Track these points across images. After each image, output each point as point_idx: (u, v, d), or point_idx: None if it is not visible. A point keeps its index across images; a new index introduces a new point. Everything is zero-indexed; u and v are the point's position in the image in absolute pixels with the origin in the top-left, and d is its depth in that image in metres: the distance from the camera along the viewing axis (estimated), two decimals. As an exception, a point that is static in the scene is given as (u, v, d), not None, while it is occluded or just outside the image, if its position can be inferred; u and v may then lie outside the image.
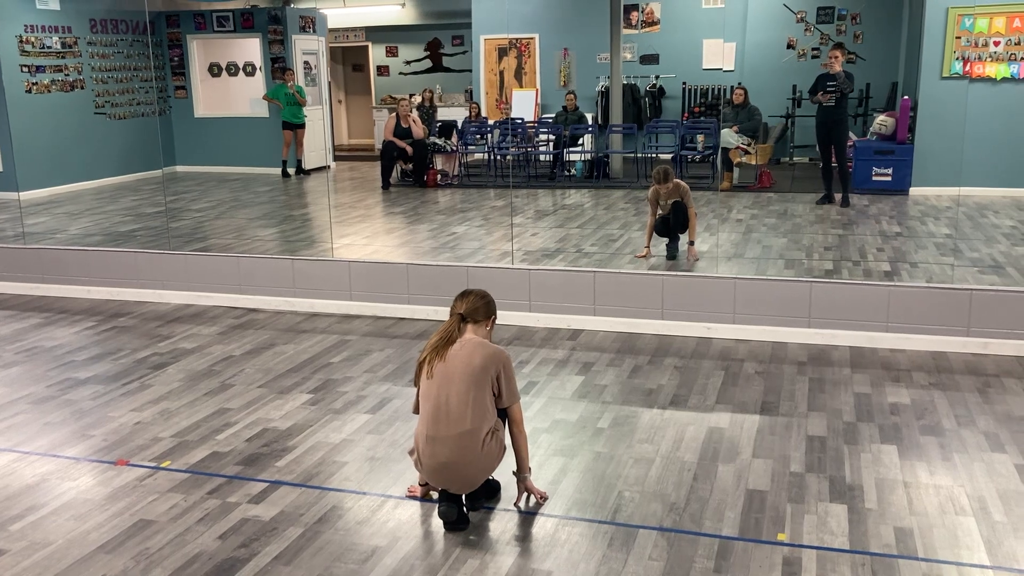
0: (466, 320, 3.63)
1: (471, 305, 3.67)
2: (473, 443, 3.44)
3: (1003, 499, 3.68)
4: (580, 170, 12.72)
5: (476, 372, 3.47)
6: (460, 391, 3.45)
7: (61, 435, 4.54)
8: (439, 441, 3.45)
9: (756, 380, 5.10)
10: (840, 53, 9.90)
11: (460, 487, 3.54)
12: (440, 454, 3.46)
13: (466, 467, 3.47)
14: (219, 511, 3.71)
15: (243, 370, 5.45)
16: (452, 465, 3.46)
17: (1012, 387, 4.92)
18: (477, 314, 3.66)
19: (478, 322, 3.67)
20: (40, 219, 10.32)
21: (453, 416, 3.44)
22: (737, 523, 3.53)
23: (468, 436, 3.44)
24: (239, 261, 6.95)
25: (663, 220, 7.67)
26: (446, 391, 3.46)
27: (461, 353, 3.51)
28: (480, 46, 15.09)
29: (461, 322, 3.62)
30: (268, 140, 14.27)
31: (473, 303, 3.68)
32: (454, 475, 3.48)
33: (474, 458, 3.46)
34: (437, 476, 3.51)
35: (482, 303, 3.70)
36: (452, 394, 3.46)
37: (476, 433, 3.45)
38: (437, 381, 3.49)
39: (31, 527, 3.62)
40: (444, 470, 3.47)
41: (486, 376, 3.49)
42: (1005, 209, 9.60)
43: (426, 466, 3.53)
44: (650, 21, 14.44)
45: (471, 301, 3.68)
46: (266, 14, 14.40)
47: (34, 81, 12.41)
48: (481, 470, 3.53)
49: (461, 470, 3.47)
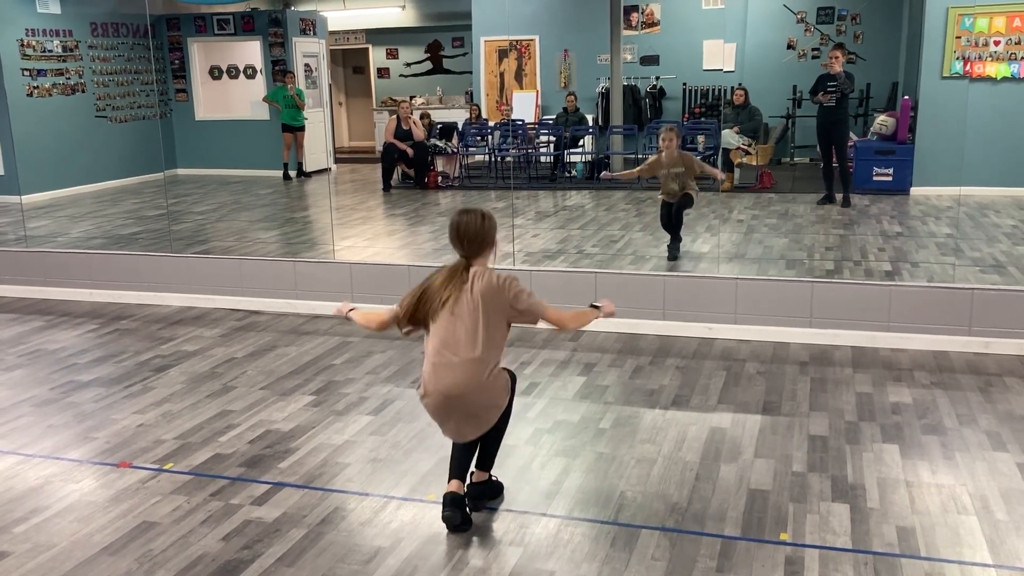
0: (470, 259, 3.52)
1: (471, 244, 3.51)
2: (480, 370, 3.40)
3: (1005, 498, 3.68)
4: (581, 171, 12.73)
5: (485, 303, 3.42)
6: (469, 325, 3.41)
7: (64, 438, 4.54)
8: (444, 367, 3.41)
9: (758, 380, 5.10)
10: (840, 53, 9.90)
11: (467, 426, 3.48)
12: (445, 378, 3.41)
13: (473, 395, 3.42)
14: (222, 513, 3.72)
15: (245, 372, 5.46)
16: (458, 394, 3.40)
17: (1014, 386, 4.92)
18: (480, 250, 3.53)
19: (483, 254, 3.55)
20: (42, 222, 10.33)
21: (462, 344, 3.41)
22: (739, 523, 3.53)
23: (476, 363, 3.40)
24: (241, 263, 6.96)
25: (667, 210, 7.68)
26: (455, 325, 3.42)
27: (469, 289, 3.44)
28: (480, 48, 15.10)
29: (466, 268, 3.50)
30: (269, 143, 14.28)
31: (472, 240, 3.51)
32: (461, 406, 3.43)
33: (480, 386, 3.41)
34: (443, 409, 3.45)
35: (480, 236, 3.52)
36: (460, 327, 3.42)
37: (484, 361, 3.41)
38: (445, 318, 3.44)
39: (35, 529, 3.63)
40: (450, 402, 3.42)
41: (495, 305, 3.44)
42: (1006, 208, 9.60)
43: (432, 398, 3.46)
44: (650, 22, 14.45)
45: (470, 237, 3.51)
46: (266, 17, 14.42)
47: (35, 85, 12.43)
48: (488, 402, 3.48)
49: (468, 399, 3.42)
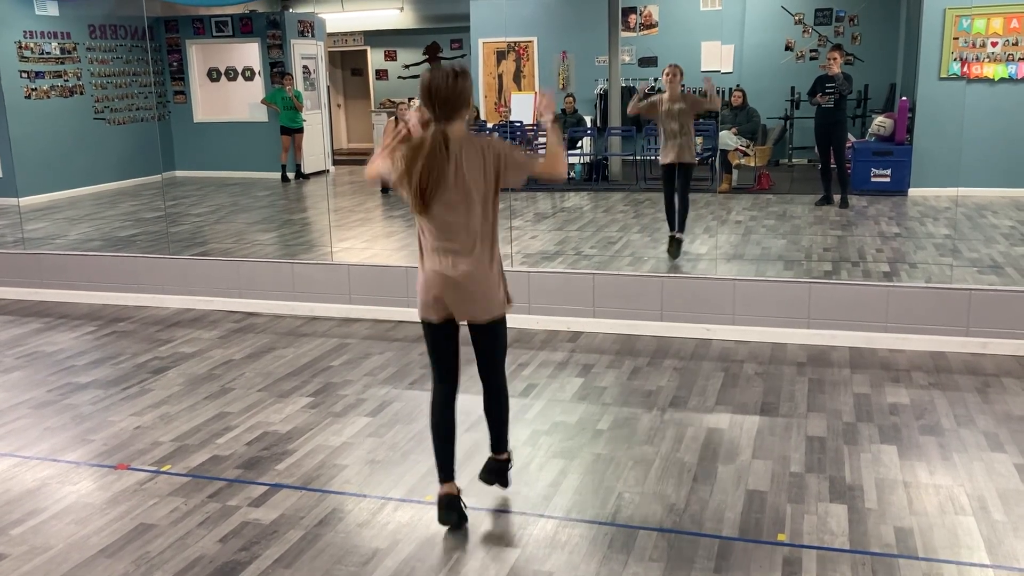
0: (446, 122, 3.26)
1: (444, 104, 3.23)
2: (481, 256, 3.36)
3: (1003, 498, 3.68)
4: (579, 172, 12.73)
5: (474, 180, 3.28)
6: (462, 210, 3.30)
7: (61, 440, 4.54)
8: (444, 253, 3.37)
9: (756, 381, 5.10)
10: (839, 55, 9.91)
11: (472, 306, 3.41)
12: (446, 265, 3.36)
13: (477, 281, 3.36)
14: (219, 514, 3.71)
15: (243, 374, 5.46)
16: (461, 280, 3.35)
17: (1011, 387, 4.92)
18: (455, 111, 3.26)
19: (459, 115, 3.28)
20: (40, 224, 10.32)
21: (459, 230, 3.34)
22: (737, 524, 3.53)
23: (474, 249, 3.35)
24: (239, 265, 6.96)
25: (669, 178, 7.71)
26: (448, 212, 3.31)
27: (454, 170, 3.25)
28: (479, 49, 15.10)
29: (444, 138, 3.23)
30: (267, 144, 14.28)
31: (445, 100, 3.23)
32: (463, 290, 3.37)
33: (484, 275, 3.37)
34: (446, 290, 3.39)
35: (454, 95, 3.23)
36: (454, 213, 3.31)
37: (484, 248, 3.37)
38: (437, 207, 3.31)
39: (32, 531, 3.62)
40: (453, 284, 3.37)
41: (485, 176, 3.30)
42: (1004, 209, 9.61)
43: (430, 279, 3.42)
44: (648, 24, 14.46)
45: (442, 97, 3.22)
46: (265, 19, 14.43)
47: (33, 87, 12.43)
48: (488, 289, 3.40)
49: (471, 282, 3.36)
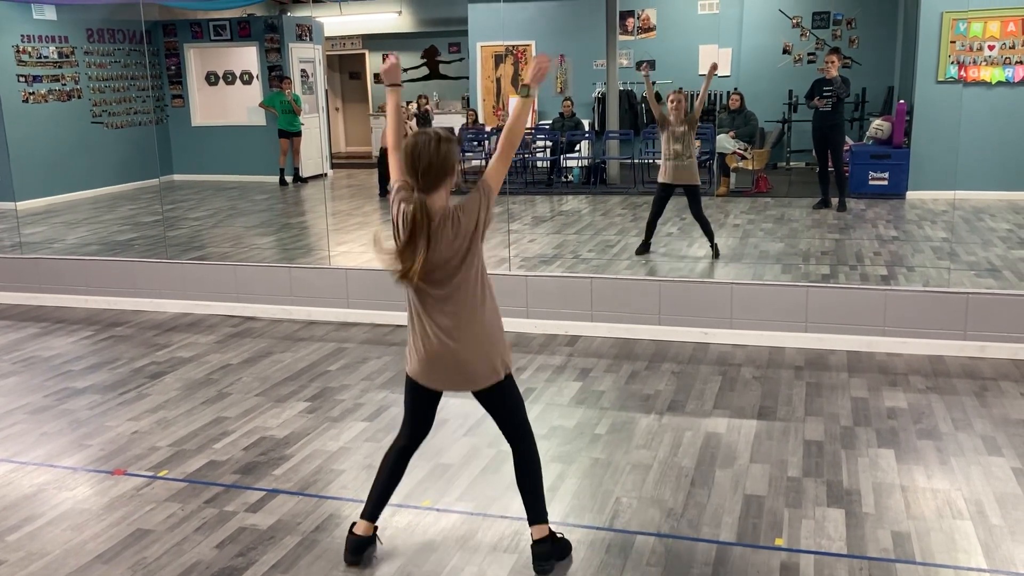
0: (427, 193, 3.01)
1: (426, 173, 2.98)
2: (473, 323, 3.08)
3: (1000, 503, 3.68)
4: (577, 176, 12.74)
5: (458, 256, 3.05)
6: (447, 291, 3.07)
7: (58, 445, 4.53)
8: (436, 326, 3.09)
9: (753, 385, 5.10)
10: (836, 58, 9.93)
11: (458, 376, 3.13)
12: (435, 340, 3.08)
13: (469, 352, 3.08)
14: (216, 520, 3.71)
15: (240, 379, 5.45)
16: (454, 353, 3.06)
17: (1009, 390, 4.92)
18: (438, 181, 3.02)
19: (442, 185, 3.03)
20: (37, 228, 10.32)
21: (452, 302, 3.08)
22: (735, 529, 3.53)
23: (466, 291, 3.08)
24: (236, 269, 6.96)
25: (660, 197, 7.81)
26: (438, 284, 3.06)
27: (439, 240, 3.00)
28: (477, 53, 15.11)
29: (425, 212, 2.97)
30: (265, 148, 14.28)
31: (427, 169, 2.97)
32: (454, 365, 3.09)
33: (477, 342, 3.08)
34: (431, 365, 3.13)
35: (438, 163, 2.98)
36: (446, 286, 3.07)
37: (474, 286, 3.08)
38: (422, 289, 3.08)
39: (28, 537, 3.61)
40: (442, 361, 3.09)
41: (469, 243, 3.06)
42: (1001, 212, 9.62)
43: (420, 352, 3.13)
44: (646, 27, 14.48)
45: (424, 165, 2.97)
46: (263, 23, 14.43)
47: (31, 91, 12.43)
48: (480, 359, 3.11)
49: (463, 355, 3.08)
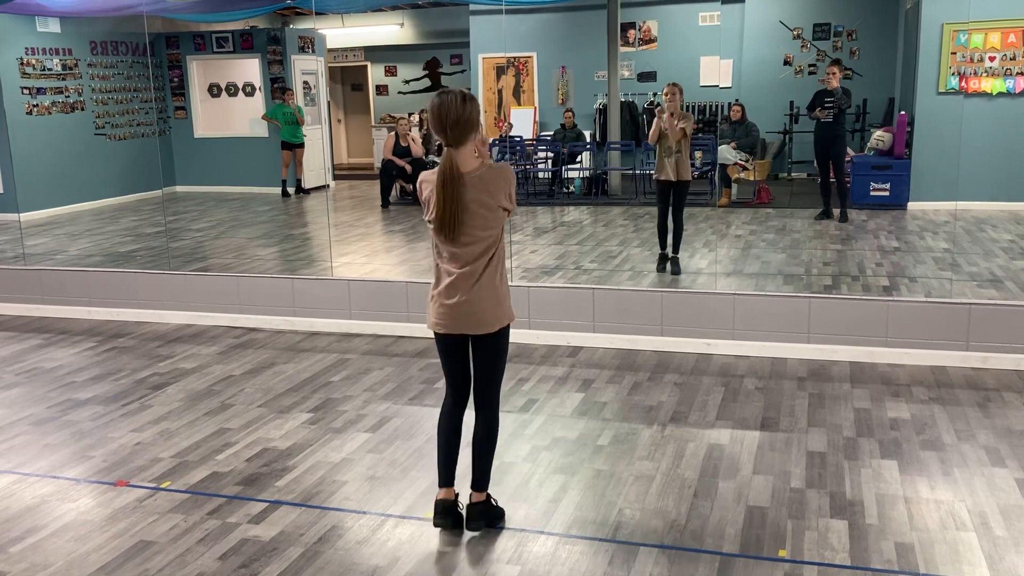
0: (455, 146, 3.34)
1: (453, 128, 3.31)
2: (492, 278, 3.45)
3: (1004, 514, 3.67)
4: (579, 187, 12.77)
5: (481, 205, 3.37)
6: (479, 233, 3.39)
7: (61, 456, 4.53)
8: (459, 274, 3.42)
9: (756, 396, 5.10)
10: (837, 69, 9.95)
11: (473, 323, 3.47)
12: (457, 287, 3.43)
13: (485, 301, 3.44)
14: (219, 531, 3.71)
15: (243, 390, 5.45)
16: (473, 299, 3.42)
17: (1012, 401, 4.92)
18: (464, 135, 3.34)
19: (467, 139, 3.36)
20: (40, 240, 10.34)
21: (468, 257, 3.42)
22: (738, 540, 3.52)
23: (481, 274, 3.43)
24: (239, 281, 6.97)
25: (663, 199, 7.77)
26: (467, 234, 3.38)
27: (470, 194, 3.34)
28: (478, 65, 15.16)
29: (452, 166, 3.32)
30: (267, 160, 14.33)
31: (455, 124, 3.31)
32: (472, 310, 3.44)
33: (492, 294, 3.45)
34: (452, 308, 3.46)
35: (463, 118, 3.32)
36: (473, 238, 3.39)
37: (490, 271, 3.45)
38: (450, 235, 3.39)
39: (31, 549, 3.61)
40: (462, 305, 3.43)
41: (491, 204, 3.40)
42: (1003, 223, 9.62)
43: (442, 298, 3.47)
44: (647, 39, 14.53)
45: (451, 121, 3.30)
46: (265, 35, 14.49)
47: (35, 103, 12.47)
48: (494, 307, 3.47)
49: (480, 302, 3.43)
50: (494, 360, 3.59)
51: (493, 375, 3.60)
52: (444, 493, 3.64)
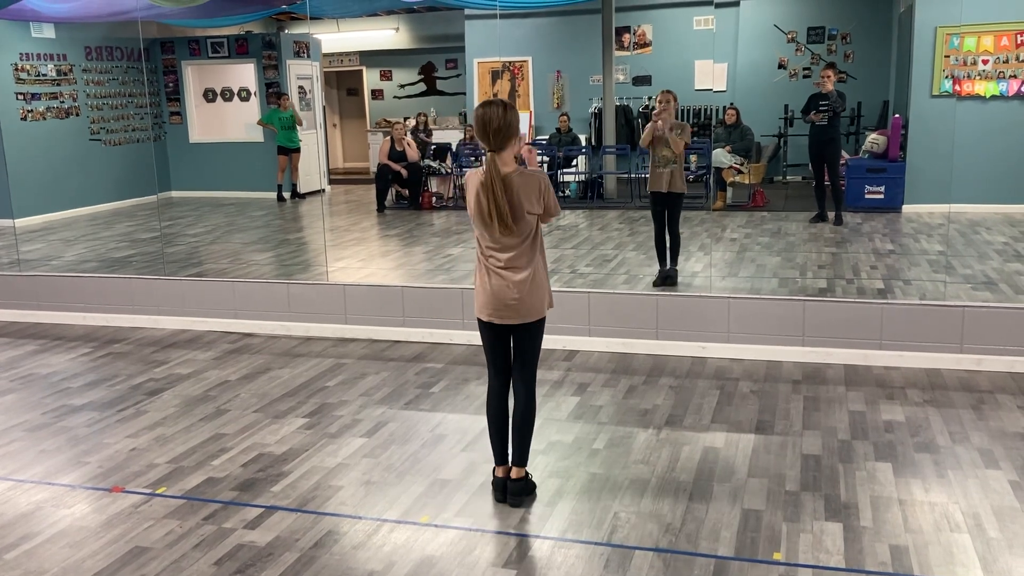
0: (497, 151, 3.70)
1: (496, 135, 3.68)
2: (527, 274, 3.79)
3: (998, 515, 3.69)
4: (574, 191, 12.78)
5: (521, 203, 3.73)
6: (520, 228, 3.75)
7: (56, 462, 4.53)
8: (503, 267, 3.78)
9: (751, 399, 5.11)
10: (832, 72, 9.98)
11: (515, 313, 3.79)
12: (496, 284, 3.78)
13: (526, 292, 3.77)
14: (215, 537, 3.70)
15: (238, 395, 5.45)
16: (516, 291, 3.76)
17: (1006, 403, 4.93)
18: (506, 140, 3.70)
19: (508, 144, 3.73)
20: (35, 246, 10.33)
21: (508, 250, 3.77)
22: (733, 543, 3.53)
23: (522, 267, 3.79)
24: (234, 286, 6.97)
25: (659, 210, 7.61)
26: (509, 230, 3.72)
27: (510, 191, 3.70)
28: (474, 69, 15.18)
29: (495, 168, 3.68)
30: (263, 165, 14.32)
31: (497, 131, 3.68)
32: (515, 300, 3.77)
33: (533, 285, 3.79)
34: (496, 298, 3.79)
35: (505, 126, 3.69)
36: (515, 233, 3.74)
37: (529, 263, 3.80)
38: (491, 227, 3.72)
39: (26, 556, 3.61)
40: (505, 297, 3.77)
41: (529, 204, 3.75)
42: (997, 225, 9.65)
43: (486, 290, 3.81)
44: (642, 43, 14.56)
45: (494, 129, 3.67)
46: (260, 40, 14.49)
47: (29, 109, 12.46)
48: (534, 299, 3.81)
49: (522, 294, 3.77)
50: (533, 345, 3.91)
51: (532, 358, 3.92)
52: (501, 471, 3.96)
